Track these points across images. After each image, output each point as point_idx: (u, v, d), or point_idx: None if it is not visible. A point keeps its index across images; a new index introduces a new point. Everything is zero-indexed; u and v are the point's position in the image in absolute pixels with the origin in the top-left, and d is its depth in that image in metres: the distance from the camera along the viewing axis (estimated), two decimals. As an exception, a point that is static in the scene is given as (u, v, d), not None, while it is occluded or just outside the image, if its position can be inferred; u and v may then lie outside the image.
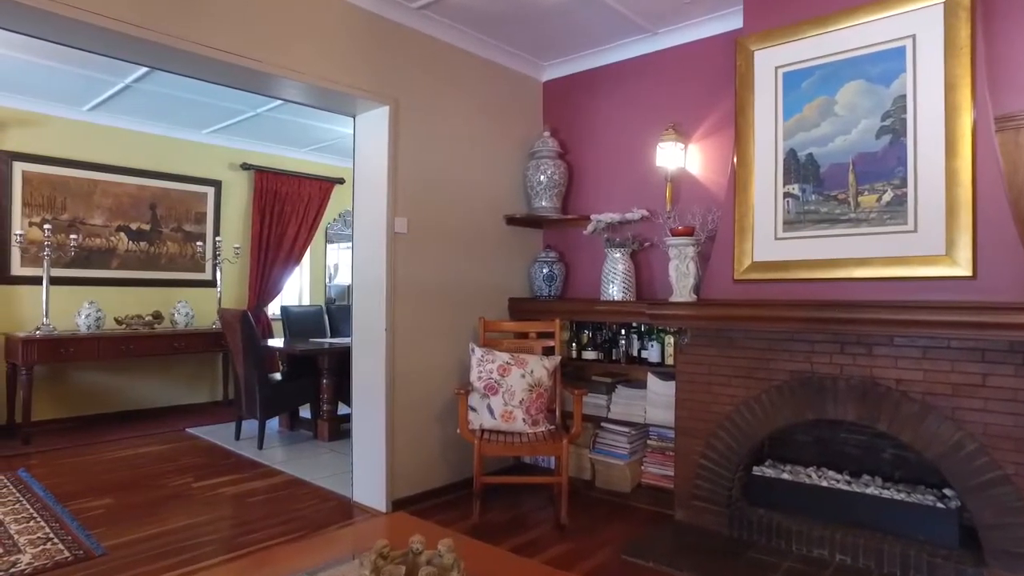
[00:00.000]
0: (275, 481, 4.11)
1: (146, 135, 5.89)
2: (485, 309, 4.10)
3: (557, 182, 4.23)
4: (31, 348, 4.81)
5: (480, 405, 3.62)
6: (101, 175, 5.62)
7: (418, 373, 3.73)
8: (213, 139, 6.30)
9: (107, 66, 4.38)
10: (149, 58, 2.87)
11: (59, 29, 2.59)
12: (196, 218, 6.29)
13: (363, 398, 3.73)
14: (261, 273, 6.67)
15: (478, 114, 4.09)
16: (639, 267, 3.98)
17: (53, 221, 5.33)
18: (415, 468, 3.71)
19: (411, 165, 3.69)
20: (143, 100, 5.14)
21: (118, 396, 5.74)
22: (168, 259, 6.09)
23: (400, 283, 3.64)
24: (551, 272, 4.25)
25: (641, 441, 3.81)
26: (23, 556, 2.97)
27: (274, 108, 5.35)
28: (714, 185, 3.67)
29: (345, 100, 3.48)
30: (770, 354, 3.02)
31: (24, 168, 5.21)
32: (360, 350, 3.76)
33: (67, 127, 5.42)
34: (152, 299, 5.91)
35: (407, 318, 3.68)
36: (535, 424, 3.60)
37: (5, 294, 5.15)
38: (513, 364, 3.66)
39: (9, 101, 5.09)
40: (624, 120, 4.11)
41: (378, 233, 3.62)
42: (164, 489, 3.92)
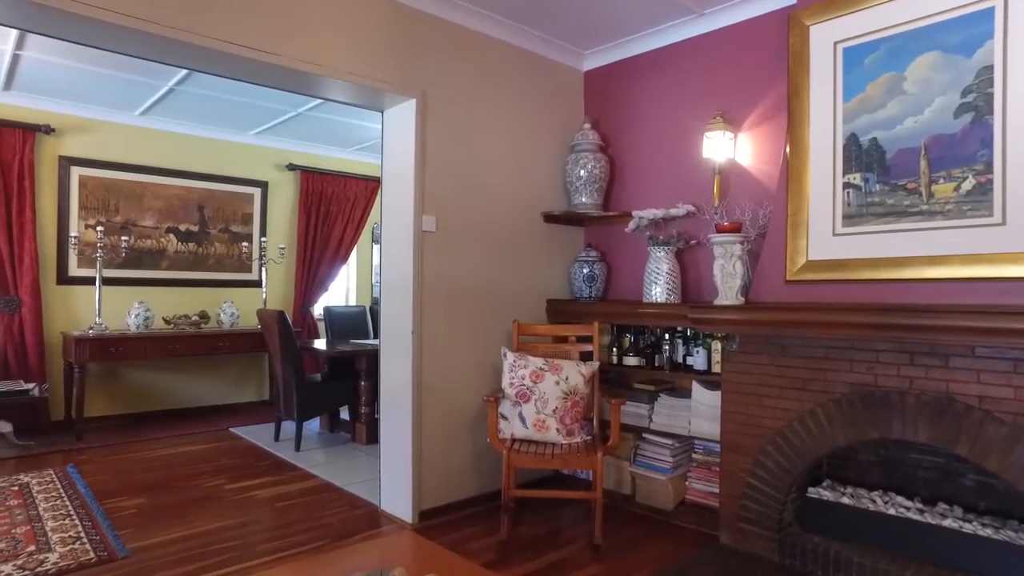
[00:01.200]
0: (307, 485, 4.04)
1: (194, 138, 5.98)
2: (521, 311, 3.90)
3: (598, 177, 3.99)
4: (83, 347, 4.93)
5: (511, 413, 3.43)
6: (152, 178, 5.74)
7: (448, 378, 3.57)
8: (259, 140, 6.35)
9: (148, 70, 4.43)
10: (168, 56, 2.81)
11: (83, 30, 2.56)
12: (243, 219, 6.35)
13: (391, 403, 3.60)
14: (306, 273, 6.69)
15: (513, 107, 3.89)
16: (685, 267, 3.70)
17: (106, 223, 5.46)
18: (444, 478, 3.55)
19: (440, 161, 3.54)
20: (187, 103, 5.20)
21: (168, 394, 5.84)
22: (216, 260, 6.18)
23: (428, 283, 3.49)
24: (592, 272, 4.01)
25: (685, 455, 3.53)
26: (51, 555, 2.97)
27: (314, 107, 5.32)
28: (766, 177, 3.35)
29: (370, 94, 3.35)
30: (827, 364, 2.70)
31: (81, 172, 5.37)
32: (388, 353, 3.63)
33: (120, 132, 5.56)
34: (200, 299, 5.99)
35: (435, 320, 3.52)
36: (570, 434, 3.38)
37: (63, 294, 5.31)
38: (547, 370, 3.45)
39: (68, 109, 5.24)
40: (668, 109, 3.83)
41: (405, 232, 3.48)
42: (197, 490, 3.90)
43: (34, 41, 3.99)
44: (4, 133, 4.92)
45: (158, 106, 5.29)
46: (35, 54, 4.20)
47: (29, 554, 2.98)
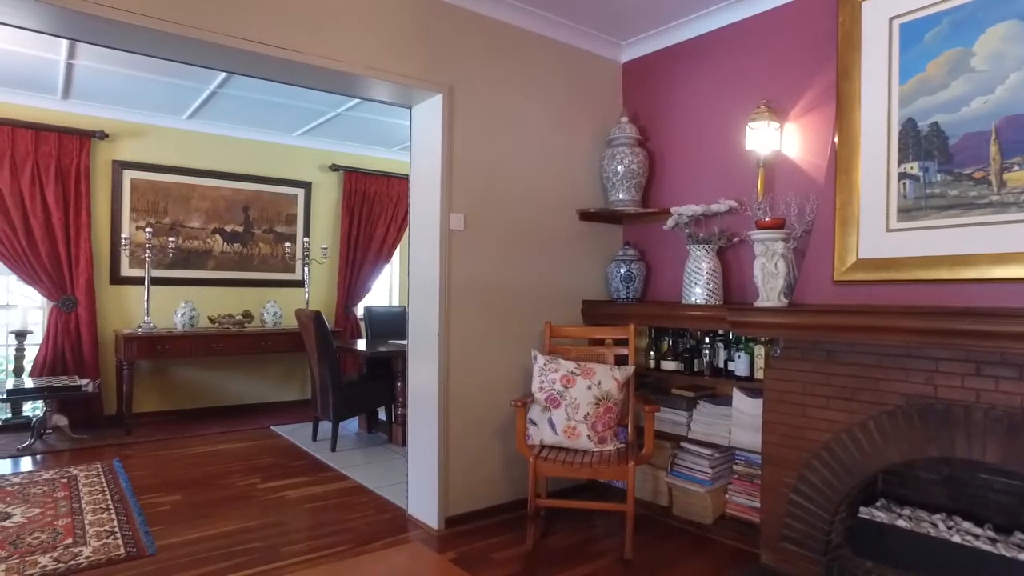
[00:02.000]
0: (338, 487, 4.01)
1: (240, 140, 6.09)
2: (555, 313, 3.76)
3: (636, 172, 3.80)
4: (132, 345, 5.07)
5: (541, 419, 3.29)
6: (199, 180, 5.87)
7: (476, 381, 3.47)
8: (303, 142, 6.42)
9: (190, 74, 4.52)
10: (192, 56, 2.80)
11: (120, 36, 2.57)
12: (287, 219, 6.43)
13: (417, 406, 3.52)
14: (349, 273, 6.73)
15: (546, 101, 3.76)
16: (727, 266, 3.48)
17: (155, 225, 5.62)
18: (472, 484, 3.44)
19: (469, 157, 3.44)
20: (230, 106, 5.29)
21: (214, 392, 5.97)
22: (260, 260, 6.27)
23: (455, 284, 3.39)
24: (629, 272, 3.83)
25: (726, 466, 3.31)
26: (85, 549, 3.02)
27: (354, 107, 5.32)
28: (814, 169, 3.10)
29: (394, 90, 3.28)
30: (879, 372, 2.45)
31: (132, 176, 5.54)
32: (415, 355, 3.55)
33: (169, 135, 5.71)
34: (244, 299, 6.10)
35: (464, 322, 3.42)
36: (602, 442, 3.22)
37: (116, 293, 5.49)
38: (578, 374, 3.30)
39: (120, 114, 5.42)
40: (710, 99, 3.61)
41: (431, 230, 3.40)
42: (231, 488, 3.93)
43: (83, 50, 4.11)
44: (63, 140, 5.12)
45: (203, 109, 5.40)
46: (86, 62, 4.34)
47: (66, 547, 3.04)
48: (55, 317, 5.11)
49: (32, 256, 4.99)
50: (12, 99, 4.96)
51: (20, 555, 2.95)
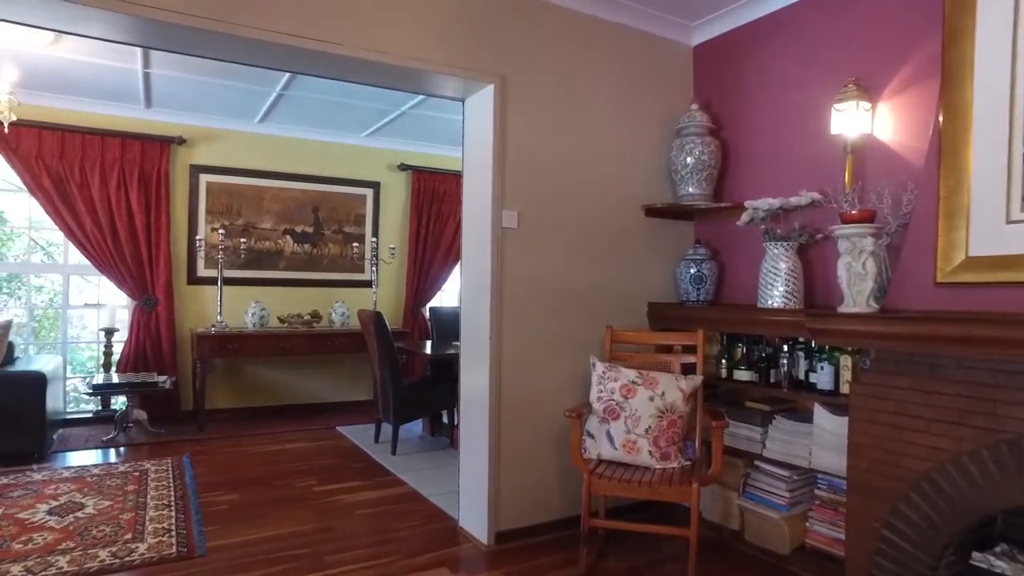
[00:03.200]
0: (392, 493, 3.92)
1: (309, 141, 6.17)
2: (619, 316, 3.50)
3: (707, 164, 3.49)
4: (204, 343, 5.22)
5: (598, 431, 3.05)
6: (270, 182, 5.99)
7: (530, 388, 3.27)
8: (371, 142, 6.43)
9: (256, 78, 4.58)
10: (241, 54, 2.76)
11: (181, 40, 2.57)
12: (356, 219, 6.47)
13: (469, 413, 3.36)
14: (418, 273, 6.69)
15: (608, 89, 3.50)
16: (809, 266, 3.11)
17: (229, 226, 5.78)
18: (525, 497, 3.25)
19: (522, 150, 3.24)
20: (297, 107, 5.34)
21: (284, 390, 6.07)
22: (329, 260, 6.34)
23: (508, 285, 3.20)
24: (700, 272, 3.52)
25: (806, 490, 2.95)
26: (141, 545, 3.06)
27: (418, 105, 5.25)
28: (913, 154, 2.69)
29: (442, 82, 3.13)
30: (997, 393, 2.06)
31: (208, 179, 5.71)
32: (467, 359, 3.40)
33: (241, 139, 5.85)
34: (314, 299, 6.17)
35: (517, 325, 3.23)
36: (664, 458, 2.94)
37: (193, 293, 5.68)
38: (640, 384, 3.03)
39: (197, 120, 5.60)
40: (790, 81, 3.25)
41: (483, 229, 3.23)
42: (288, 490, 3.92)
43: (156, 59, 4.23)
44: (146, 146, 5.34)
45: (272, 113, 5.49)
46: (160, 71, 4.47)
47: (124, 542, 3.09)
48: (137, 316, 5.34)
49: (118, 258, 5.23)
50: (102, 110, 5.22)
51: (83, 547, 3.02)
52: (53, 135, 5.00)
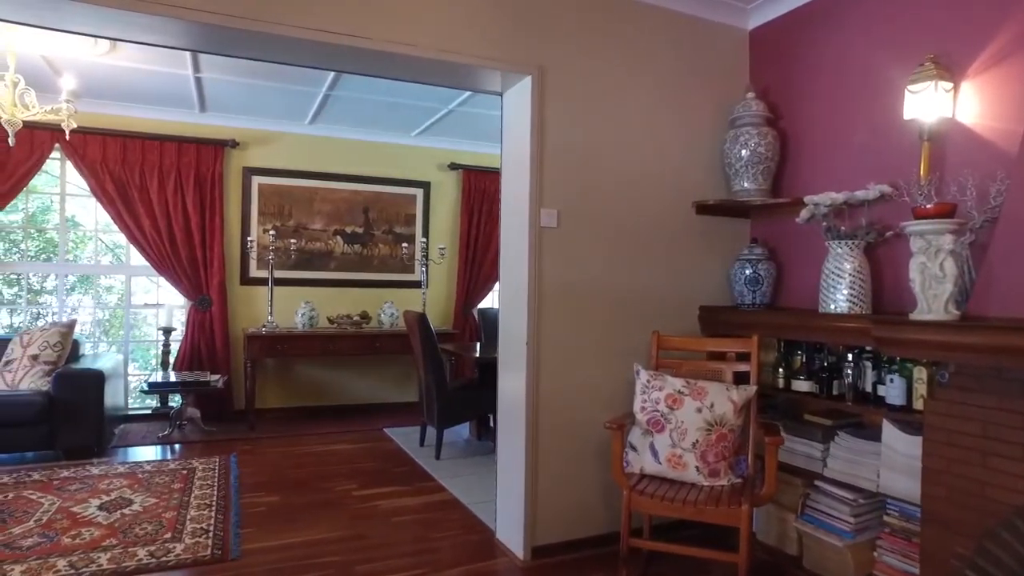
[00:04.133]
0: (432, 499, 3.82)
1: (359, 142, 6.17)
2: (667, 321, 3.28)
3: (763, 156, 3.22)
4: (254, 343, 5.29)
5: (642, 444, 2.86)
6: (321, 183, 6.03)
7: (571, 397, 3.10)
8: (421, 141, 6.39)
9: (302, 79, 4.59)
10: (259, 51, 2.72)
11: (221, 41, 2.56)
12: (406, 220, 6.44)
13: (507, 421, 3.22)
14: (468, 274, 6.60)
15: (656, 79, 3.29)
16: (878, 267, 2.81)
17: (280, 227, 5.85)
18: (564, 510, 3.08)
19: (562, 145, 3.08)
20: (345, 108, 5.34)
21: (334, 391, 6.10)
22: (379, 260, 6.33)
23: (547, 287, 3.05)
24: (755, 274, 3.26)
25: (873, 516, 2.66)
26: (178, 546, 3.07)
27: (465, 102, 5.16)
28: (1004, 138, 2.37)
29: (476, 74, 3.00)
30: (1103, 416, 1.75)
31: (260, 181, 5.80)
32: (504, 365, 3.26)
33: (292, 141, 5.92)
34: (364, 299, 6.17)
35: (556, 329, 3.07)
36: (713, 475, 2.72)
37: (245, 294, 5.77)
38: (686, 394, 2.82)
39: (249, 123, 5.69)
40: (857, 63, 2.95)
41: (520, 228, 3.08)
42: (327, 493, 3.88)
43: (205, 64, 4.29)
44: (201, 150, 5.46)
45: (321, 114, 5.52)
46: (210, 75, 4.54)
47: (163, 541, 3.11)
48: (193, 315, 5.47)
49: (174, 259, 5.36)
50: (160, 115, 5.37)
51: (124, 545, 3.06)
52: (116, 141, 5.18)
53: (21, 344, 4.46)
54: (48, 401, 4.20)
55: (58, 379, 4.26)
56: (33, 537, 3.14)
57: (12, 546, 3.05)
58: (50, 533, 3.19)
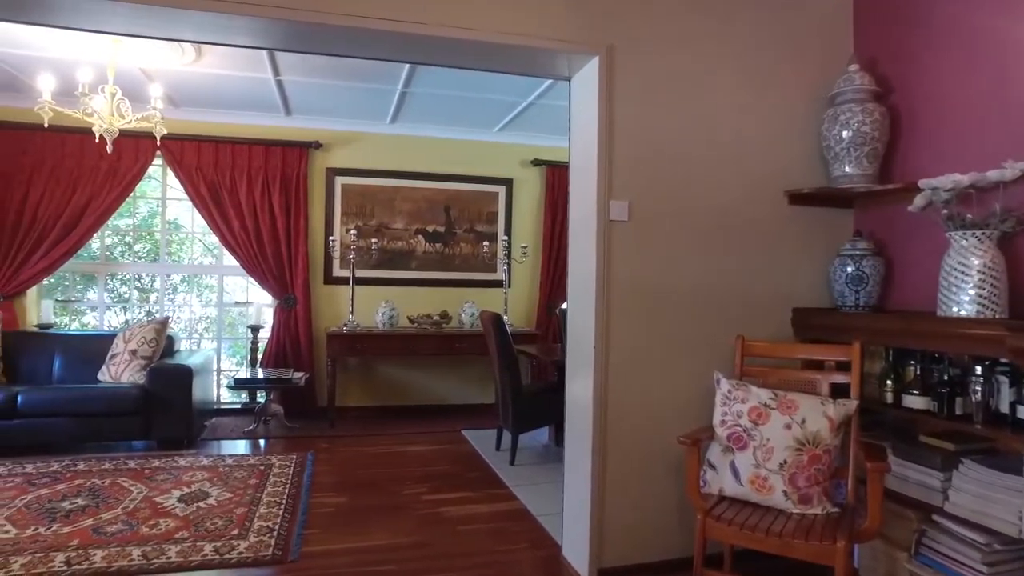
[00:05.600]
0: (501, 508, 3.66)
1: (440, 140, 6.13)
2: (754, 324, 2.94)
3: (869, 136, 2.80)
4: (334, 342, 5.35)
5: (721, 461, 2.55)
6: (402, 181, 6.04)
7: (642, 406, 2.83)
8: (503, 137, 6.25)
9: (378, 76, 4.60)
10: (313, 43, 2.65)
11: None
12: (488, 218, 6.33)
13: (574, 430, 3.01)
14: (551, 273, 6.39)
15: (738, 53, 2.96)
16: (1017, 262, 2.35)
17: (362, 227, 5.90)
18: (635, 531, 2.82)
19: (633, 131, 2.82)
20: (423, 105, 5.30)
21: (414, 390, 6.09)
22: (461, 259, 6.26)
23: (617, 286, 2.80)
24: (859, 271, 2.84)
25: (1014, 566, 2.20)
26: (242, 544, 3.08)
27: (544, 94, 4.98)
28: None
29: (538, 57, 2.80)
30: None
31: (343, 181, 5.89)
32: (572, 369, 3.04)
33: (374, 141, 5.96)
34: (446, 299, 6.12)
35: (627, 332, 2.81)
36: (804, 501, 2.37)
37: (329, 293, 5.88)
38: (774, 407, 2.48)
39: (332, 125, 5.78)
40: (986, 21, 2.48)
41: (588, 222, 2.85)
42: (396, 496, 3.81)
43: (283, 66, 4.35)
44: (286, 152, 5.61)
45: (401, 112, 5.51)
46: (289, 77, 4.62)
47: (230, 538, 3.14)
48: (279, 314, 5.62)
49: (261, 259, 5.54)
50: (249, 120, 5.56)
51: (194, 539, 3.11)
52: (209, 146, 5.41)
53: (124, 339, 4.73)
54: (143, 394, 4.42)
55: (151, 373, 4.48)
56: (118, 524, 3.27)
57: (99, 531, 3.19)
58: (132, 521, 3.31)
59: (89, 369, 4.75)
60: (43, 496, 3.63)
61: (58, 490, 3.73)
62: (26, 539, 3.08)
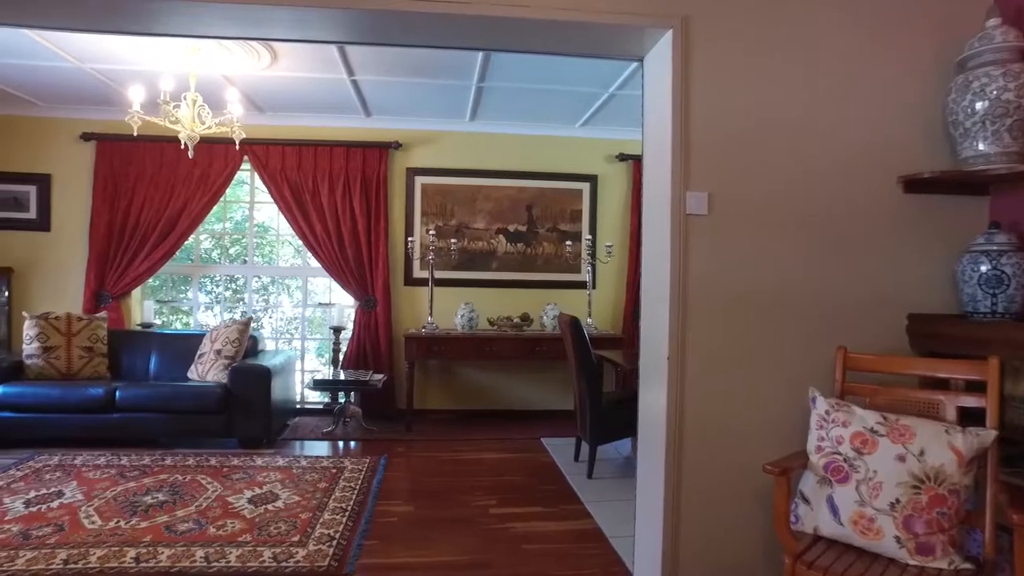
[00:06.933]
0: (572, 527, 3.40)
1: (521, 137, 5.93)
2: (859, 333, 2.51)
3: (1011, 106, 2.31)
4: (411, 344, 5.28)
5: (817, 495, 2.17)
6: (483, 180, 5.90)
7: (723, 424, 2.49)
8: (586, 132, 5.97)
9: (450, 72, 4.48)
10: (350, 31, 2.52)
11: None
12: (571, 216, 6.07)
13: (647, 447, 2.70)
14: (639, 274, 6.02)
15: (839, 16, 2.53)
16: None
17: (442, 227, 5.82)
18: (714, 565, 2.48)
19: (713, 112, 2.48)
20: (501, 100, 5.13)
21: (494, 395, 5.93)
22: (544, 260, 6.03)
23: (694, 288, 2.48)
24: (996, 271, 2.35)
25: None
26: (301, 551, 3.02)
27: (624, 84, 4.68)
28: None
29: (603, 34, 2.52)
30: None
31: (423, 181, 5.83)
32: (645, 379, 2.74)
33: (454, 139, 5.85)
34: (528, 300, 5.91)
35: (706, 341, 2.48)
36: (924, 552, 1.95)
37: (409, 294, 5.84)
38: (883, 433, 2.08)
39: (411, 124, 5.73)
40: None
41: (662, 217, 2.54)
42: (464, 508, 3.64)
43: (356, 63, 4.31)
44: (367, 153, 5.62)
45: (480, 109, 5.37)
46: (364, 76, 4.59)
47: (289, 544, 3.09)
48: (360, 315, 5.64)
49: (342, 260, 5.57)
50: (330, 123, 5.62)
51: (255, 544, 3.08)
52: (292, 150, 5.52)
53: (210, 339, 4.89)
54: (225, 392, 4.53)
55: (232, 373, 4.59)
56: (189, 522, 3.31)
57: (171, 528, 3.24)
58: (202, 520, 3.34)
59: (181, 367, 4.95)
60: (130, 489, 3.76)
61: (144, 484, 3.86)
62: (107, 532, 3.18)
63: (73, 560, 2.87)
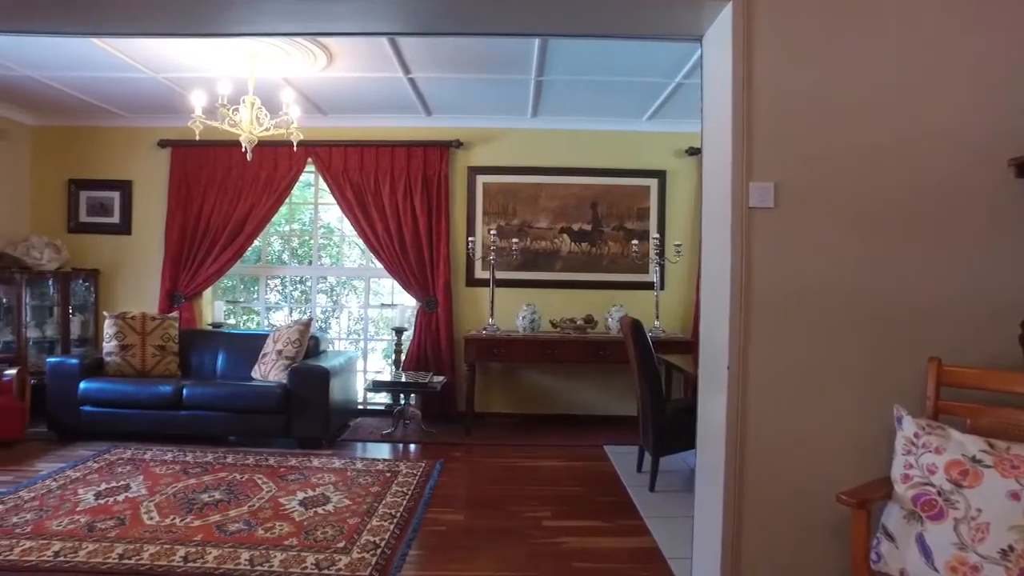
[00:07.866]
0: (628, 544, 3.18)
1: (586, 132, 5.70)
2: (957, 342, 2.17)
3: None
4: (471, 347, 5.17)
5: (903, 532, 1.87)
6: (546, 178, 5.72)
7: (791, 444, 2.21)
8: (653, 126, 5.67)
9: (507, 67, 4.36)
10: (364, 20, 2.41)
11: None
12: (638, 214, 5.78)
13: (705, 465, 2.46)
14: (710, 274, 5.68)
15: (937, -25, 2.20)
16: None
17: (504, 227, 5.68)
18: (780, 603, 2.20)
19: (780, 93, 2.22)
20: (562, 94, 4.94)
21: (557, 399, 5.73)
22: (609, 260, 5.78)
23: (758, 291, 2.21)
24: None
25: None
26: (344, 559, 2.95)
27: (691, 73, 4.36)
28: None
29: (654, 12, 2.29)
30: None
31: (484, 180, 5.71)
32: (704, 391, 2.49)
33: (516, 136, 5.70)
34: (593, 301, 5.67)
35: (772, 350, 2.21)
36: (1038, 608, 1.62)
37: (471, 295, 5.73)
38: (988, 463, 1.77)
39: (472, 122, 5.62)
40: None
41: (722, 210, 2.28)
42: (515, 519, 3.48)
43: (411, 60, 4.24)
44: (427, 153, 5.56)
45: (542, 105, 5.21)
46: (421, 74, 4.52)
47: (333, 551, 3.03)
48: (421, 316, 5.58)
49: (404, 261, 5.54)
50: (391, 123, 5.60)
51: (300, 548, 3.04)
52: (354, 151, 5.53)
53: (273, 340, 4.96)
54: (285, 393, 4.57)
55: (292, 373, 4.62)
56: (239, 523, 3.32)
57: (222, 528, 3.25)
58: (253, 522, 3.34)
59: (245, 367, 5.05)
60: (190, 486, 3.83)
61: (204, 481, 3.92)
62: (163, 528, 3.23)
63: (127, 556, 2.92)
